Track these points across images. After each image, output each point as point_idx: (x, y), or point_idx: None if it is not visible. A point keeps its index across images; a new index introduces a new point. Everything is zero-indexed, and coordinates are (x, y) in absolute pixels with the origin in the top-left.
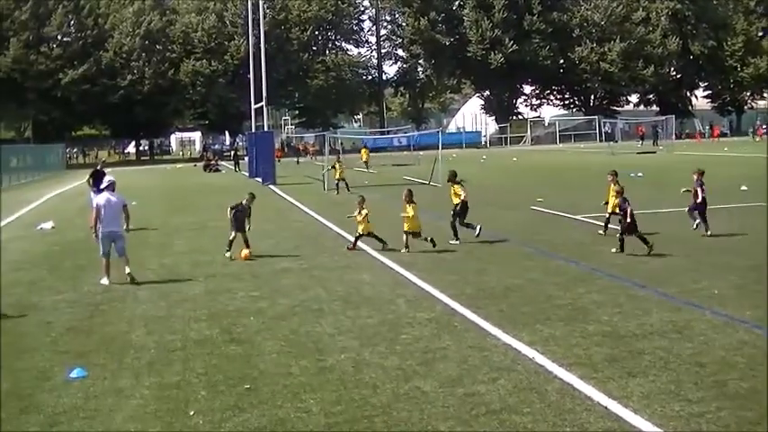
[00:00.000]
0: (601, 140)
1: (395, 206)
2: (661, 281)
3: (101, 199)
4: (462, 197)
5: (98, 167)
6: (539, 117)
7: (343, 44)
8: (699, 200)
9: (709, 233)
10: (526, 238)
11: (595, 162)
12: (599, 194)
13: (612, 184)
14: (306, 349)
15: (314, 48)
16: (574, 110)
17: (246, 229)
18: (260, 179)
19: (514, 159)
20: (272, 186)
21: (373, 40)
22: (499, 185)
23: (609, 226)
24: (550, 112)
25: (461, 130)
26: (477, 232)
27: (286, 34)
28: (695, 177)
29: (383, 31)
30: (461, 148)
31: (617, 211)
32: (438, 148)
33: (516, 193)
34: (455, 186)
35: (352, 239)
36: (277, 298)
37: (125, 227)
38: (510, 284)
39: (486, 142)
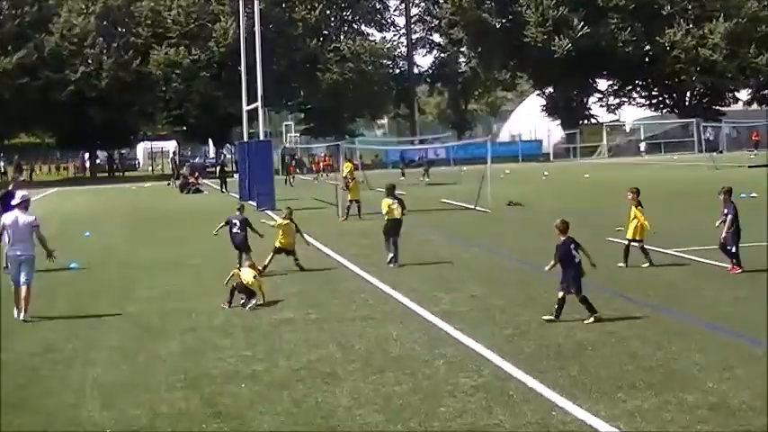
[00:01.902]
0: (700, 150)
1: (431, 243)
2: None
3: (7, 218)
4: (397, 215)
5: (9, 188)
6: (618, 121)
7: (363, 27)
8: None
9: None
10: (603, 279)
11: (693, 179)
12: (700, 221)
13: (634, 205)
14: (314, 427)
15: (325, 32)
16: (664, 111)
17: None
18: (254, 203)
19: (586, 176)
20: (269, 212)
21: (402, 22)
22: (565, 210)
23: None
24: (633, 114)
25: (516, 138)
26: (389, 261)
27: (288, 14)
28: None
29: (414, 11)
30: (517, 162)
31: (637, 237)
32: (486, 163)
33: (588, 219)
34: (387, 200)
35: (377, 283)
36: (276, 358)
37: (46, 253)
38: (583, 340)
39: (549, 154)
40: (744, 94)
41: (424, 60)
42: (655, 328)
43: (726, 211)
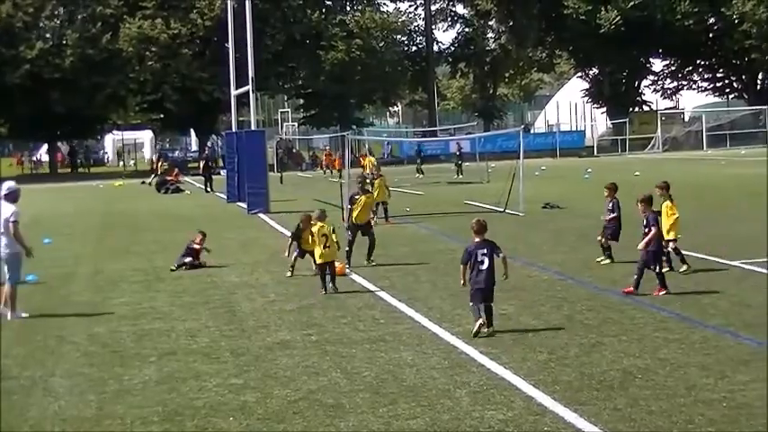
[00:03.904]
0: None
1: (453, 252)
2: None
3: None
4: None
5: None
6: (675, 108)
7: None
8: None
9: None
10: (652, 296)
11: (762, 177)
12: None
13: (666, 202)
14: None
15: (329, 2)
16: (731, 97)
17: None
18: (244, 204)
19: (637, 174)
20: (263, 216)
21: None
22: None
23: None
24: (694, 100)
25: (554, 129)
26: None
27: None
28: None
29: None
30: (555, 158)
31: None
32: (518, 157)
33: (638, 225)
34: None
35: (389, 299)
36: (271, 387)
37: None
38: (631, 368)
39: (593, 147)
40: None
41: (445, 36)
42: (717, 354)
43: (645, 221)
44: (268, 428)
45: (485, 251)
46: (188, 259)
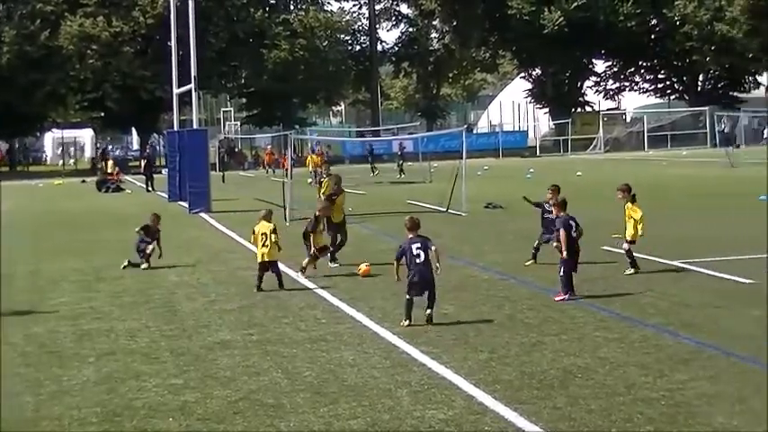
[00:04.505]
0: (713, 144)
1: (395, 252)
2: None
3: None
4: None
5: None
6: (617, 109)
7: None
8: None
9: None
10: (597, 295)
11: (706, 178)
12: (712, 228)
13: (628, 204)
14: None
15: (272, 1)
16: (672, 98)
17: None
18: (185, 204)
19: (579, 174)
20: (204, 215)
21: None
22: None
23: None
24: (635, 101)
25: (497, 129)
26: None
27: None
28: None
29: None
30: (497, 158)
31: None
32: (461, 157)
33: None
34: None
35: (331, 299)
36: (211, 388)
37: None
38: (571, 366)
39: (535, 147)
40: (766, 78)
41: (389, 36)
42: (656, 353)
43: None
44: (208, 429)
45: (419, 245)
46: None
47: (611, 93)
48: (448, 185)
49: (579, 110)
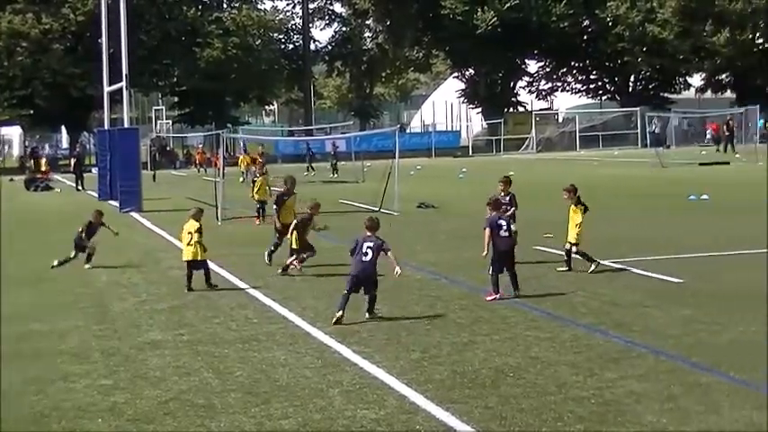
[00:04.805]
0: (644, 145)
1: (328, 251)
2: (739, 360)
3: None
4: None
5: None
6: (549, 109)
7: None
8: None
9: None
10: (528, 295)
11: (637, 178)
12: (643, 227)
13: (572, 205)
14: None
15: (205, 0)
16: (604, 98)
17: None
18: (116, 203)
19: (511, 173)
20: (135, 215)
21: None
22: (484, 213)
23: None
24: (568, 101)
25: (430, 128)
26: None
27: None
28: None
29: None
30: (430, 157)
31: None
32: (394, 157)
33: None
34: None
35: (263, 298)
36: (141, 388)
37: None
38: (503, 366)
39: (468, 147)
40: (696, 80)
41: (322, 35)
42: (587, 352)
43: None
44: (137, 429)
45: (371, 244)
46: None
47: (544, 93)
48: (380, 185)
49: (512, 110)
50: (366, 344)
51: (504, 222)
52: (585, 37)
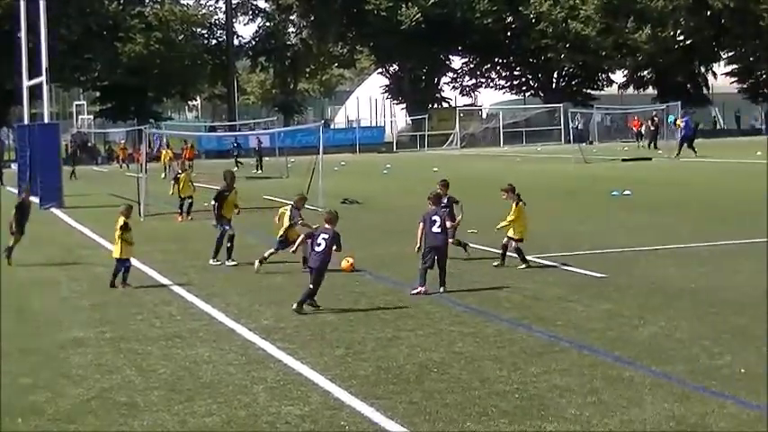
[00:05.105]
0: (567, 140)
1: (252, 248)
2: (660, 354)
3: None
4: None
5: None
6: (474, 105)
7: None
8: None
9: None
10: (452, 290)
11: (560, 174)
12: (565, 223)
13: (512, 204)
14: None
15: None
16: (527, 94)
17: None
18: (36, 199)
19: (435, 170)
20: (56, 211)
21: None
22: (408, 208)
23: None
24: (492, 97)
25: (354, 124)
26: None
27: None
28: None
29: None
30: (354, 153)
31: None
32: (318, 153)
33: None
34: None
35: (187, 295)
36: (63, 387)
37: None
38: (427, 361)
39: (392, 143)
40: (619, 76)
41: (245, 30)
42: (510, 347)
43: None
44: (59, 429)
45: (325, 236)
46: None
47: (468, 89)
48: (305, 181)
49: (436, 106)
50: (290, 340)
51: (438, 218)
52: (509, 33)
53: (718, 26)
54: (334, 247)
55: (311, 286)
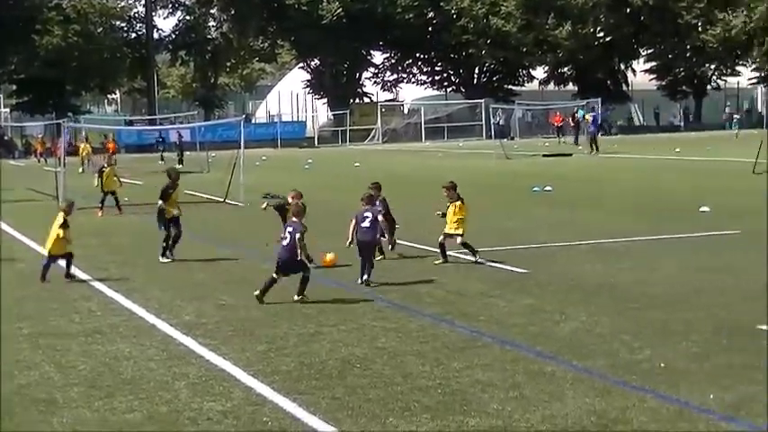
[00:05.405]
0: (489, 136)
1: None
2: (581, 348)
3: None
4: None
5: None
6: (395, 100)
7: None
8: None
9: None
10: (376, 285)
11: (482, 169)
12: (488, 219)
13: (458, 202)
14: None
15: None
16: (449, 90)
17: None
18: None
19: (357, 165)
20: None
21: None
22: (330, 204)
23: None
24: (413, 92)
25: (276, 119)
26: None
27: None
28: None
29: None
30: (276, 148)
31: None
32: (239, 147)
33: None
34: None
35: (107, 291)
36: None
37: None
38: (349, 356)
39: (314, 138)
40: (540, 72)
41: (165, 24)
42: (433, 342)
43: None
44: None
45: (291, 229)
46: None
47: (390, 84)
48: (226, 175)
49: (357, 101)
50: (212, 336)
51: (369, 215)
52: (430, 29)
53: (638, 23)
54: (296, 237)
55: (301, 276)
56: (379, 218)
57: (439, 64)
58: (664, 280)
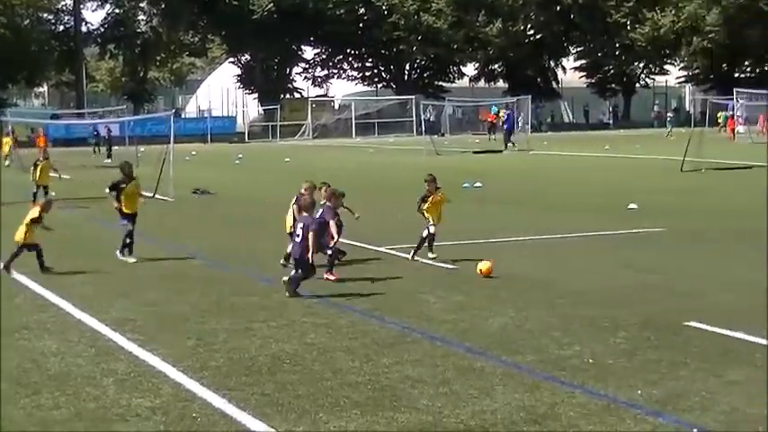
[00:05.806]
0: (419, 132)
1: (100, 240)
2: (510, 344)
3: None
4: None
5: None
6: (326, 96)
7: None
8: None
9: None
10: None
11: (412, 165)
12: (416, 216)
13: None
14: None
15: None
16: (380, 86)
17: None
18: None
19: (287, 160)
20: None
21: None
22: (259, 199)
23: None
24: (344, 88)
25: (206, 114)
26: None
27: None
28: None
29: None
30: (206, 143)
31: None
32: (169, 142)
33: (285, 212)
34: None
35: (34, 287)
36: None
37: None
38: (279, 353)
39: (244, 133)
40: (470, 69)
41: (94, 17)
42: (363, 338)
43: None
44: None
45: (302, 225)
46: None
47: (320, 80)
48: (155, 170)
49: (288, 96)
50: (140, 331)
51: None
52: (361, 25)
53: (568, 21)
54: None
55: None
56: (331, 223)
57: (370, 60)
58: (592, 276)
